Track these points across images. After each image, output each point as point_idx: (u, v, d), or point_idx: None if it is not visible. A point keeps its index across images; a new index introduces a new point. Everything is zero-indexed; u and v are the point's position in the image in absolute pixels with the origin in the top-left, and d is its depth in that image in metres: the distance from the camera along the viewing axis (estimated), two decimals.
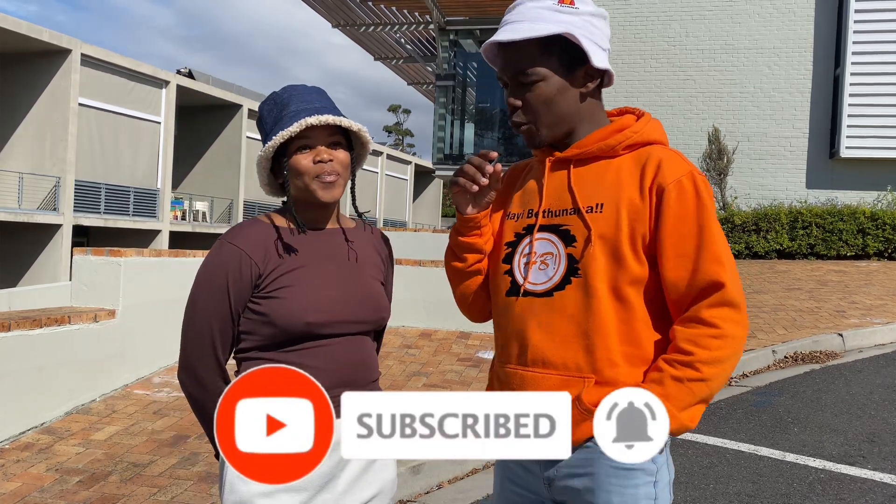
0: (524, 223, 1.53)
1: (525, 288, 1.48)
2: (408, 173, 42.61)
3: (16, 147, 21.23)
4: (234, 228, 1.65)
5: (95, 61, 21.76)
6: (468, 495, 3.72)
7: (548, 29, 1.42)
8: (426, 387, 5.23)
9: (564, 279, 1.44)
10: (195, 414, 1.67)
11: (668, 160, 1.43)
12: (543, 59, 1.44)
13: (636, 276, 1.41)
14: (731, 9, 14.38)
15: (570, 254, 1.44)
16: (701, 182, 1.42)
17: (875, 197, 13.31)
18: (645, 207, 1.41)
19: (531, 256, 1.49)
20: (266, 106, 1.64)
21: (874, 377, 5.81)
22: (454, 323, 7.05)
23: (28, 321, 4.44)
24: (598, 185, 1.46)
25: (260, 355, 1.58)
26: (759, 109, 14.23)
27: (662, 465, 1.44)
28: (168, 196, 24.79)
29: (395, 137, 69.49)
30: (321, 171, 1.57)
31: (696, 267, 1.38)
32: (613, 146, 1.47)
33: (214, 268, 1.58)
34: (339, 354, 1.60)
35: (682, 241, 1.39)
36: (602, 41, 1.48)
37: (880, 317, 7.56)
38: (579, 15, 1.45)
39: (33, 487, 3.62)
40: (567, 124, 1.50)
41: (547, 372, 1.44)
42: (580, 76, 1.48)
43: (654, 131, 1.51)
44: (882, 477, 3.83)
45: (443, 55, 17.47)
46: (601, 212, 1.43)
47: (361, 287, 1.65)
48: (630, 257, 1.40)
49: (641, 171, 1.43)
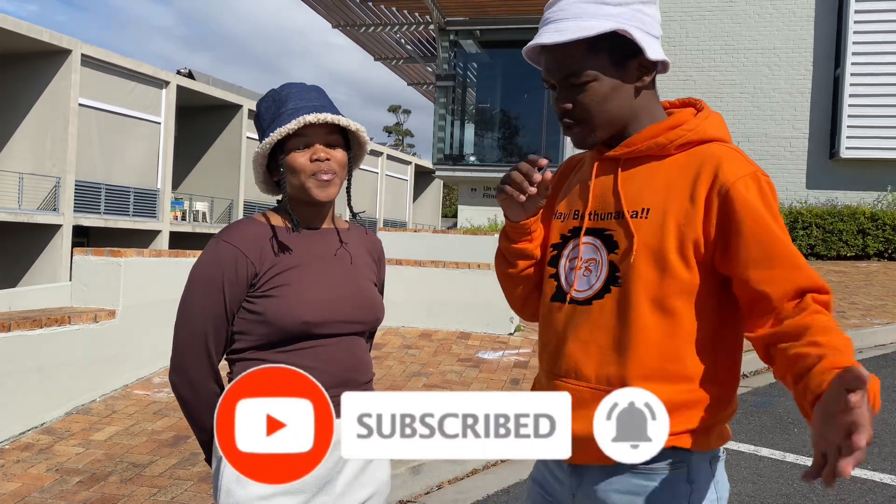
0: (570, 225, 1.44)
1: (571, 295, 1.39)
2: (408, 174, 42.61)
3: (16, 147, 21.24)
4: (229, 227, 1.62)
5: (96, 61, 21.76)
6: (468, 496, 3.72)
7: (598, 27, 1.30)
8: (426, 387, 5.23)
9: (604, 288, 1.35)
10: (185, 416, 1.65)
11: (728, 160, 1.31)
12: (593, 59, 1.33)
13: (685, 287, 1.30)
14: (732, 9, 14.38)
15: (612, 261, 1.35)
16: (766, 183, 1.31)
17: (875, 197, 13.31)
18: (698, 212, 1.29)
19: (577, 262, 1.40)
20: (264, 103, 1.63)
21: None
22: (454, 323, 7.05)
23: (28, 321, 4.44)
24: (647, 187, 1.35)
25: (256, 356, 1.56)
26: (759, 110, 14.23)
27: (704, 483, 1.33)
28: (168, 196, 24.79)
29: (396, 138, 69.49)
30: (318, 169, 1.55)
31: (781, 272, 1.25)
32: (665, 145, 1.36)
33: (209, 266, 1.56)
34: (336, 355, 1.58)
35: (755, 246, 1.26)
36: (654, 29, 1.36)
37: (880, 317, 7.55)
38: (627, 5, 1.33)
39: (33, 488, 3.62)
40: (621, 121, 1.38)
41: (579, 384, 1.36)
42: (633, 70, 1.36)
43: (712, 127, 1.37)
44: (882, 477, 3.83)
45: (443, 55, 17.47)
46: (647, 217, 1.32)
47: (357, 287, 1.64)
48: (679, 267, 1.29)
49: (696, 173, 1.31)
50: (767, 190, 1.31)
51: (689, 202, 1.30)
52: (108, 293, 5.17)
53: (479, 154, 17.63)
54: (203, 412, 1.60)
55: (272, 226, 1.61)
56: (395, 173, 40.55)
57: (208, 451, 1.68)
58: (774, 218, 1.29)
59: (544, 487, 1.50)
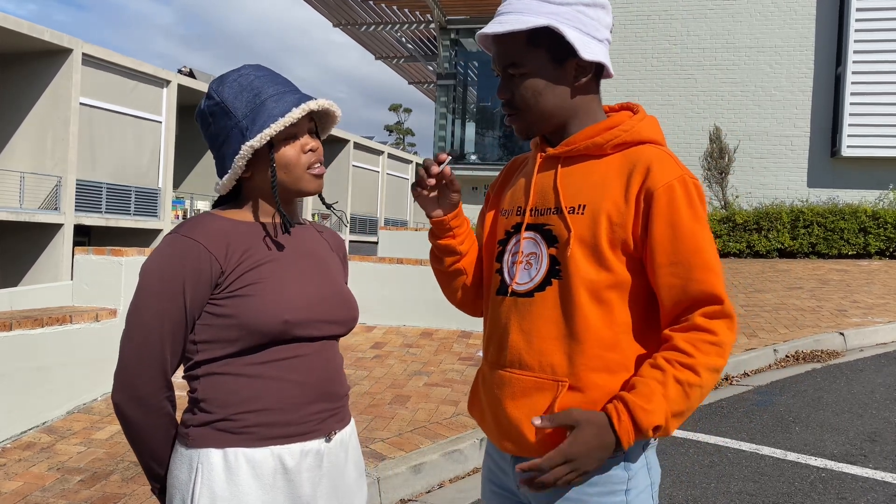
0: (513, 221, 1.49)
1: (513, 288, 1.45)
2: (409, 172, 42.61)
3: (17, 147, 21.25)
4: (187, 222, 1.42)
5: (97, 61, 21.77)
6: (468, 495, 3.72)
7: (532, 22, 1.35)
8: (427, 386, 5.23)
9: (545, 280, 1.40)
10: (131, 442, 1.40)
11: (657, 162, 1.36)
12: (530, 53, 1.39)
13: (619, 281, 1.36)
14: (733, 7, 14.37)
15: (552, 254, 1.40)
16: (692, 186, 1.36)
17: (877, 195, 13.31)
18: (629, 211, 1.35)
19: (518, 256, 1.45)
20: (229, 90, 1.43)
21: (875, 376, 5.80)
22: (455, 322, 7.05)
23: (30, 321, 4.45)
24: (584, 185, 1.40)
25: (225, 369, 1.38)
26: (761, 108, 14.22)
27: (638, 470, 1.39)
28: (169, 195, 24.80)
29: (396, 136, 69.47)
30: (311, 161, 1.45)
31: (688, 275, 1.33)
32: (601, 144, 1.41)
33: (167, 264, 1.35)
34: (315, 365, 1.44)
35: (674, 249, 1.33)
36: (596, 31, 1.40)
37: (882, 316, 7.55)
38: (569, 5, 1.38)
39: (35, 487, 3.63)
40: (556, 119, 1.44)
41: (522, 373, 1.41)
42: (570, 70, 1.40)
43: (646, 129, 1.43)
44: (883, 476, 3.83)
45: (444, 54, 17.47)
46: (583, 213, 1.38)
47: (333, 284, 1.52)
48: (612, 261, 1.35)
49: (629, 174, 1.37)
50: (694, 193, 1.36)
51: (622, 201, 1.36)
52: (110, 292, 5.18)
53: (480, 153, 17.63)
54: (153, 435, 1.39)
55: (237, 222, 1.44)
56: (395, 172, 40.56)
57: (156, 481, 1.46)
58: (697, 221, 1.34)
59: (494, 482, 1.55)
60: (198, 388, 1.39)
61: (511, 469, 1.47)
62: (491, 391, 1.48)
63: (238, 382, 1.38)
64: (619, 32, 14.77)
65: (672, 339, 1.34)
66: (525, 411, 1.39)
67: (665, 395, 1.29)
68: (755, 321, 7.38)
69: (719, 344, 1.32)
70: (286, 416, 1.39)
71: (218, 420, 1.37)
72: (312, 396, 1.43)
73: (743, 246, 12.24)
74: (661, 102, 14.52)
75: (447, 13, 16.95)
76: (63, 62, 20.83)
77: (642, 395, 1.29)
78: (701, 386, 1.31)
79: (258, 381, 1.38)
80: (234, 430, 1.36)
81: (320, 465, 1.44)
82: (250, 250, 1.41)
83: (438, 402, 4.85)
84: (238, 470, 1.35)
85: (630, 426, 1.28)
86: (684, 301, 1.34)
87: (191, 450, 1.38)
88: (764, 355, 6.10)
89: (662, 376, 1.30)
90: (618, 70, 14.77)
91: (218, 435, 1.36)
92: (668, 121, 14.46)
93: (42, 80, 20.93)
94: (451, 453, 3.96)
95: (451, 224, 1.55)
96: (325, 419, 1.45)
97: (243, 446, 1.36)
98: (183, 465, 1.38)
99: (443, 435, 4.21)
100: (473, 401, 1.58)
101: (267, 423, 1.37)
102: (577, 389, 1.36)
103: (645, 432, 1.28)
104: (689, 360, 1.31)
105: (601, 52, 1.40)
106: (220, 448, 1.36)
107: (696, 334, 1.32)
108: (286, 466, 1.39)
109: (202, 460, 1.36)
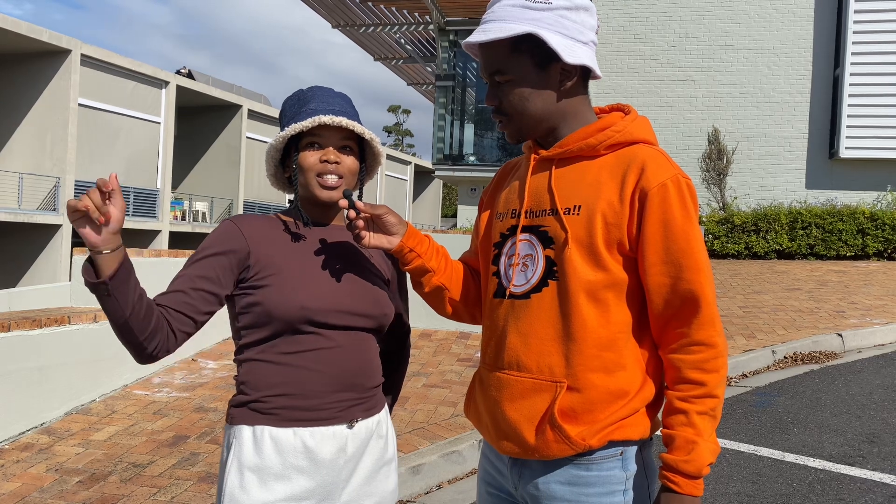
0: (508, 223, 1.50)
1: (510, 290, 1.45)
2: (407, 174, 42.61)
3: (16, 147, 21.24)
4: (241, 214, 1.65)
5: (95, 61, 21.77)
6: (468, 495, 3.72)
7: (515, 29, 1.37)
8: (426, 387, 5.23)
9: (542, 281, 1.41)
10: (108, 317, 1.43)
11: (651, 162, 1.37)
12: (514, 60, 1.40)
13: (615, 281, 1.37)
14: (731, 9, 14.39)
15: (549, 256, 1.41)
16: (685, 186, 1.37)
17: (875, 197, 13.33)
18: (624, 211, 1.36)
19: (514, 258, 1.46)
20: (289, 101, 1.66)
21: (873, 377, 5.81)
22: (454, 323, 7.05)
23: (28, 321, 4.45)
24: (578, 186, 1.41)
25: (260, 356, 1.56)
26: (759, 110, 14.24)
27: (637, 471, 1.40)
28: (168, 196, 24.79)
29: (395, 138, 69.48)
30: (323, 170, 1.57)
31: (678, 275, 1.34)
32: (594, 146, 1.42)
33: (209, 240, 1.58)
34: (341, 357, 1.57)
35: (665, 248, 1.35)
36: (580, 34, 1.41)
37: (880, 317, 7.56)
38: (551, 10, 1.39)
39: (33, 488, 3.62)
40: (546, 123, 1.45)
41: (521, 375, 1.42)
42: (555, 74, 1.41)
43: (638, 129, 1.44)
44: (882, 477, 3.83)
45: (442, 55, 17.48)
46: (578, 214, 1.39)
47: (362, 281, 1.63)
48: (608, 261, 1.37)
49: (623, 174, 1.38)
50: (686, 193, 1.37)
51: (617, 201, 1.37)
52: None
53: (479, 154, 17.63)
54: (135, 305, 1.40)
55: (283, 222, 1.64)
56: (394, 173, 40.56)
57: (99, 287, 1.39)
58: (688, 221, 1.35)
59: (490, 484, 1.56)
60: (240, 372, 1.59)
61: (508, 471, 1.48)
62: (489, 393, 1.48)
63: (269, 369, 1.55)
64: (618, 34, 14.79)
65: (680, 371, 1.36)
66: (524, 413, 1.40)
67: (698, 434, 1.33)
68: (753, 322, 7.39)
69: (720, 355, 1.36)
70: (308, 401, 1.54)
71: (252, 401, 1.55)
72: (335, 386, 1.56)
73: (741, 247, 12.26)
74: (660, 104, 14.54)
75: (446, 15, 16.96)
76: (62, 63, 20.83)
77: (681, 450, 1.33)
78: (720, 398, 1.36)
79: (286, 369, 1.54)
80: (264, 410, 1.54)
81: (344, 449, 1.57)
82: (280, 243, 1.59)
83: (437, 403, 4.85)
84: (263, 444, 1.52)
85: (687, 481, 1.32)
86: (674, 301, 1.36)
87: (232, 426, 1.57)
88: (762, 356, 6.11)
89: (687, 419, 1.34)
90: (616, 71, 14.78)
91: (251, 414, 1.55)
92: (667, 122, 14.48)
93: (41, 80, 20.93)
94: (450, 454, 3.96)
95: (409, 246, 1.54)
96: (347, 407, 1.58)
97: (270, 425, 1.53)
98: (226, 439, 1.59)
99: (441, 436, 4.21)
100: (469, 403, 1.59)
101: (290, 406, 1.53)
102: (576, 390, 1.37)
103: (702, 474, 1.33)
104: (704, 389, 1.34)
105: (586, 54, 1.41)
106: (250, 425, 1.54)
107: (700, 353, 1.35)
108: (307, 446, 1.53)
109: (236, 435, 1.54)
